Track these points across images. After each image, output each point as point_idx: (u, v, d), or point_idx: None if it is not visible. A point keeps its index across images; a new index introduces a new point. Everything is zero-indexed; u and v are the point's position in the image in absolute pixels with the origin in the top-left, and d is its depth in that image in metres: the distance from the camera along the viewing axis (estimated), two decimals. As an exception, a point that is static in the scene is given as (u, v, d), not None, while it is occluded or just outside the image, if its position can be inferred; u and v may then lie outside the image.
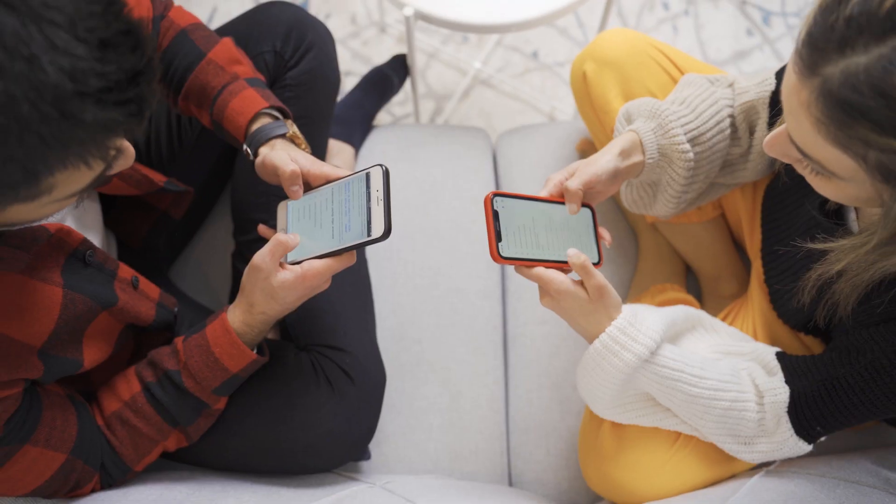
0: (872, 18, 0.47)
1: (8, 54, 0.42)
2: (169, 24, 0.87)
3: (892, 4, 0.47)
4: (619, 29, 0.99)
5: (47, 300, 0.66)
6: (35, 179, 0.47)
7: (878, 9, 0.47)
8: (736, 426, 0.79)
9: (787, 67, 0.56)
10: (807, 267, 0.69)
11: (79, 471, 0.73)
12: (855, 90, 0.48)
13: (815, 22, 0.51)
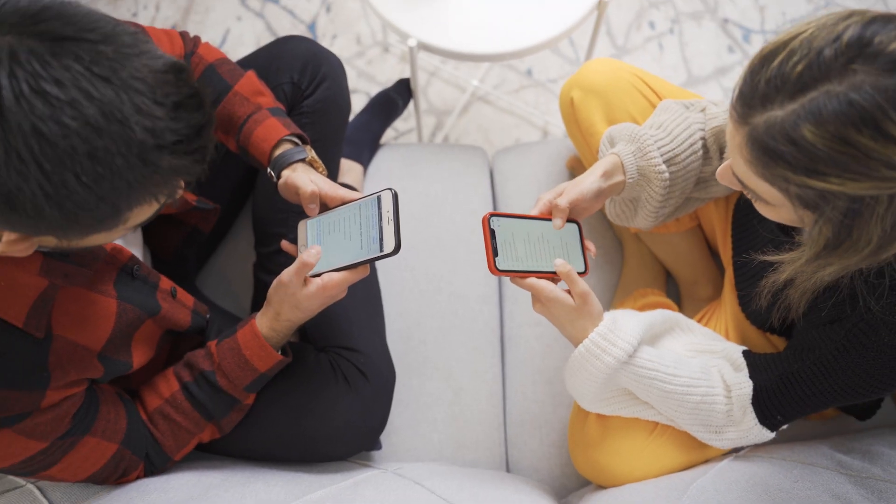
0: (787, 81, 0.57)
1: (106, 118, 0.51)
2: (198, 59, 0.96)
3: (801, 69, 0.56)
4: (602, 59, 1.07)
5: (104, 310, 0.75)
6: (119, 214, 0.57)
7: (790, 73, 0.57)
8: (707, 417, 0.87)
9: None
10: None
11: (127, 460, 0.82)
12: (773, 138, 0.58)
13: (744, 81, 0.61)
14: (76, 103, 0.50)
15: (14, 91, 0.48)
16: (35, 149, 0.49)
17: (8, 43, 0.49)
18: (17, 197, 0.51)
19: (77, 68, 0.50)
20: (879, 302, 0.71)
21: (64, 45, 0.51)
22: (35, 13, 0.51)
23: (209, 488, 0.83)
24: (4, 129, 0.49)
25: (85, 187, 0.52)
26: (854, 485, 0.82)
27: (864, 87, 0.53)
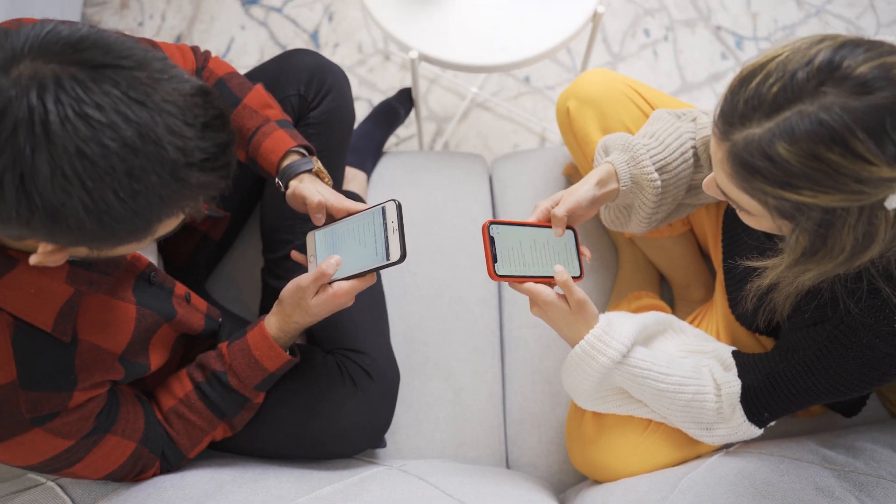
0: (763, 101, 0.61)
1: (142, 139, 0.55)
2: (209, 73, 1.00)
3: (776, 91, 0.60)
4: (597, 70, 1.11)
5: (125, 315, 0.79)
6: (149, 226, 0.61)
7: (767, 94, 0.61)
8: (698, 414, 0.91)
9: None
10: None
11: (144, 458, 0.85)
12: (751, 154, 0.62)
13: (725, 100, 0.65)
14: (115, 126, 0.54)
15: (60, 115, 0.53)
16: (78, 168, 0.54)
17: (52, 71, 0.53)
18: (60, 211, 0.55)
19: (115, 93, 0.55)
20: (858, 305, 0.75)
21: (103, 72, 0.55)
22: (75, 42, 0.55)
23: (223, 485, 0.87)
24: (50, 150, 0.53)
25: (122, 202, 0.56)
26: (837, 478, 0.86)
27: (834, 108, 0.58)
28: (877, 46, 0.59)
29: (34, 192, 0.54)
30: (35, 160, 0.53)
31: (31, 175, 0.53)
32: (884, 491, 0.83)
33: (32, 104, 0.52)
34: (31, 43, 0.55)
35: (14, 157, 0.53)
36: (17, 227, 0.57)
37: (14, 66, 0.54)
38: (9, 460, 0.73)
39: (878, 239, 0.63)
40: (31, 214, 0.55)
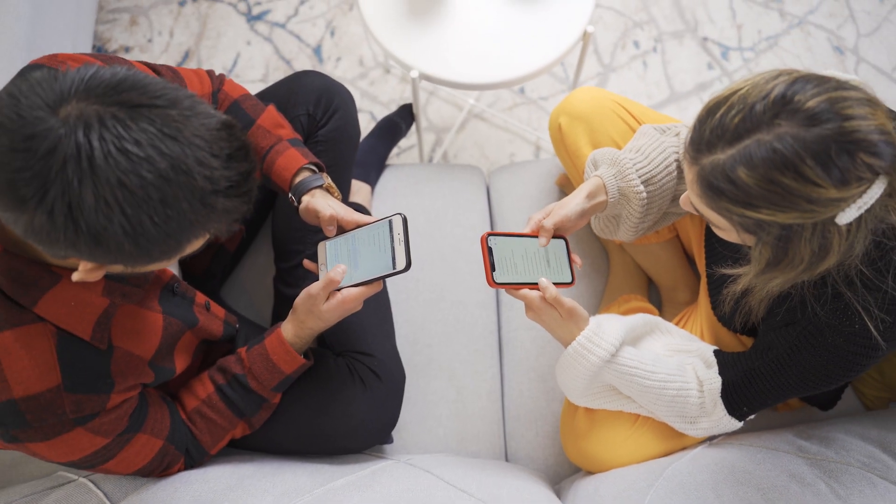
0: (726, 130, 0.69)
1: (174, 170, 0.62)
2: (224, 95, 1.06)
3: (737, 122, 0.68)
4: (587, 87, 1.19)
5: (153, 324, 0.86)
6: (180, 246, 0.67)
7: (729, 124, 0.68)
8: (682, 409, 0.98)
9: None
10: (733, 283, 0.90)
11: (171, 454, 0.92)
12: (716, 178, 0.70)
13: (694, 129, 0.73)
14: (151, 159, 0.61)
15: (103, 151, 0.59)
16: (119, 197, 0.60)
17: (96, 111, 0.60)
18: (102, 235, 0.61)
19: (151, 130, 0.61)
20: (824, 308, 0.82)
21: (140, 111, 0.61)
22: (116, 84, 0.62)
23: (243, 478, 0.93)
24: (95, 182, 0.59)
25: (157, 227, 0.63)
26: (809, 466, 0.93)
27: (786, 137, 0.65)
28: (825, 82, 0.66)
29: (80, 218, 0.60)
30: (81, 191, 0.59)
31: (78, 204, 0.59)
32: (851, 477, 0.90)
33: (79, 141, 0.58)
34: (76, 86, 0.61)
35: (63, 188, 0.59)
36: (63, 248, 0.63)
37: (62, 106, 0.60)
38: (53, 457, 0.79)
39: (833, 250, 0.71)
40: (76, 238, 0.61)
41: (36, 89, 0.60)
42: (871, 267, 0.78)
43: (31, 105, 0.59)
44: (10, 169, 0.58)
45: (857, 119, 0.64)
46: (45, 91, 0.60)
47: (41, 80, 0.61)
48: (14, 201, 0.59)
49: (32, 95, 0.60)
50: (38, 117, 0.59)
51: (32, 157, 0.58)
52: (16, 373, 0.73)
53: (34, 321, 0.73)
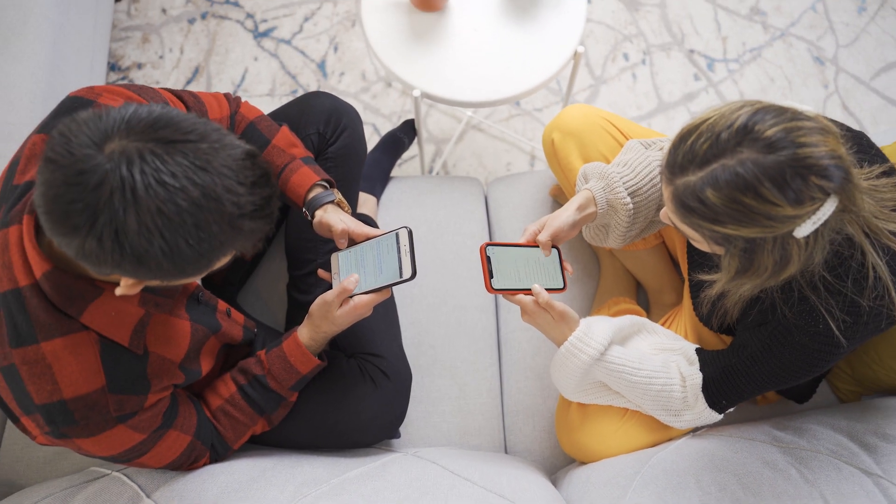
0: (696, 155, 0.77)
1: (206, 198, 0.69)
2: (241, 117, 1.14)
3: (706, 148, 0.76)
4: (578, 105, 1.27)
5: (182, 330, 0.94)
6: (210, 263, 0.75)
7: (699, 150, 0.77)
8: (667, 403, 1.06)
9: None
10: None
11: (198, 449, 1.00)
12: (688, 197, 0.78)
13: (669, 154, 0.81)
14: (186, 189, 0.68)
15: (144, 183, 0.66)
16: (159, 223, 0.67)
17: (136, 147, 0.67)
18: (144, 256, 0.69)
19: (185, 163, 0.68)
20: (791, 310, 0.91)
21: (175, 146, 0.69)
22: (152, 122, 0.69)
23: (265, 470, 1.01)
24: (137, 210, 0.66)
25: (191, 248, 0.70)
26: (782, 454, 1.01)
27: (747, 163, 0.74)
28: (783, 113, 0.75)
29: (125, 242, 0.67)
30: (126, 218, 0.66)
31: (123, 230, 0.67)
32: (819, 463, 0.98)
33: (123, 175, 0.66)
34: (118, 125, 0.69)
35: (110, 216, 0.66)
36: (109, 267, 0.70)
37: (107, 143, 0.67)
38: (96, 451, 0.87)
39: (794, 260, 0.79)
40: (122, 259, 0.69)
41: (83, 128, 0.68)
42: (832, 273, 0.87)
43: (80, 143, 0.66)
44: (65, 201, 0.66)
45: (809, 146, 0.73)
46: (91, 130, 0.68)
47: (87, 119, 0.69)
48: (68, 228, 0.67)
49: (80, 134, 0.67)
50: (87, 154, 0.66)
51: (83, 190, 0.65)
52: (65, 376, 0.80)
53: (80, 330, 0.81)
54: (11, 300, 0.80)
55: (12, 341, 0.80)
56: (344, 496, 0.94)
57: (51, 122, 0.90)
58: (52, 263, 0.79)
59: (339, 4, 2.02)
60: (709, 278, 0.91)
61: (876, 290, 0.87)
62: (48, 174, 0.67)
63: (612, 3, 2.05)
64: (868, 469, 0.97)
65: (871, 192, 0.86)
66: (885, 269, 0.86)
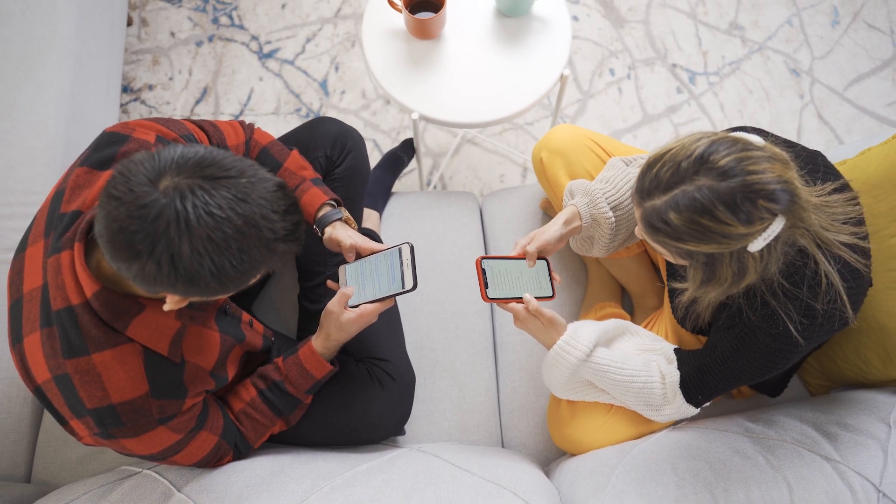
0: (661, 182, 0.88)
1: (247, 225, 0.78)
2: (255, 143, 1.24)
3: (669, 175, 0.86)
4: (564, 126, 1.37)
5: (212, 340, 1.04)
6: (248, 281, 0.85)
7: (663, 177, 0.87)
8: (648, 398, 1.15)
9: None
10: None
11: (223, 448, 1.09)
12: (654, 219, 0.89)
13: (638, 180, 0.91)
14: (230, 219, 0.78)
15: (195, 214, 0.76)
16: (208, 248, 0.77)
17: (187, 183, 0.77)
18: (195, 278, 0.79)
19: (228, 196, 0.78)
20: (755, 314, 1.01)
21: (219, 182, 0.78)
22: (198, 161, 0.79)
23: (284, 466, 1.11)
24: (190, 238, 0.76)
25: (234, 268, 0.80)
26: (752, 443, 1.11)
27: (704, 189, 0.84)
28: (736, 143, 0.86)
29: (180, 265, 0.77)
30: (180, 245, 0.76)
31: (178, 254, 0.77)
32: (785, 451, 1.08)
33: (178, 208, 0.76)
34: (169, 164, 0.78)
35: (167, 243, 0.76)
36: (163, 287, 0.80)
37: (161, 180, 0.77)
38: (138, 450, 0.97)
39: (750, 271, 0.90)
40: (176, 279, 0.78)
41: (140, 168, 0.78)
42: (789, 280, 0.98)
43: (138, 182, 0.76)
44: (128, 232, 0.76)
45: (758, 174, 0.83)
46: (146, 170, 0.77)
47: (143, 160, 0.79)
48: (131, 255, 0.77)
49: (138, 174, 0.77)
50: (145, 191, 0.76)
51: (144, 221, 0.75)
52: (113, 383, 0.90)
53: (126, 342, 0.91)
54: (65, 317, 0.90)
55: (65, 353, 0.90)
56: (357, 488, 1.03)
57: (91, 155, 1.00)
58: (100, 284, 0.88)
59: (338, 26, 2.12)
60: (680, 286, 1.02)
61: (829, 295, 0.97)
62: (111, 209, 0.76)
63: (598, 20, 2.15)
64: (828, 455, 1.06)
65: (823, 208, 0.97)
66: (837, 277, 0.97)
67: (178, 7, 2.14)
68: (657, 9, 2.15)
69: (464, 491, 1.02)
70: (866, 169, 1.23)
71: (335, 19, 2.12)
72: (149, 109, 2.05)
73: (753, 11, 2.17)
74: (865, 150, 1.29)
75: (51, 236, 0.95)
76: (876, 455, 1.05)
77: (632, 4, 2.16)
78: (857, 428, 1.11)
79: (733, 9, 2.17)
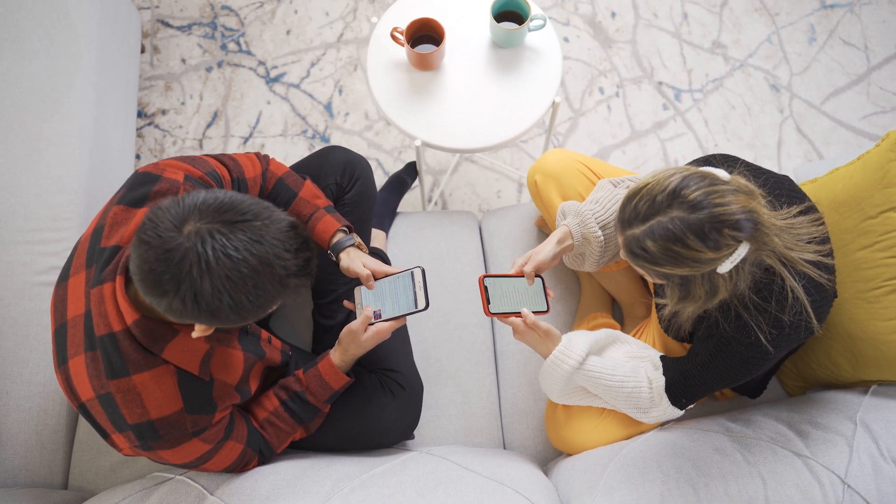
0: (639, 213, 0.98)
1: (261, 264, 0.87)
2: (271, 174, 1.33)
3: (645, 208, 0.97)
4: (556, 150, 1.47)
5: (237, 359, 1.14)
6: (265, 312, 0.93)
7: (640, 209, 0.98)
8: (636, 402, 1.25)
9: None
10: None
11: (248, 455, 1.19)
12: (634, 246, 0.99)
13: (620, 210, 1.02)
14: (246, 259, 0.86)
15: (215, 256, 0.85)
16: (227, 286, 0.86)
17: (207, 228, 0.86)
18: (216, 311, 0.88)
19: (244, 238, 0.86)
20: (730, 325, 1.12)
21: (236, 226, 0.87)
22: (217, 207, 0.88)
23: (306, 469, 1.20)
24: (211, 277, 0.85)
25: (251, 302, 0.89)
26: (731, 441, 1.21)
27: (676, 220, 0.95)
28: (705, 178, 0.97)
29: (202, 301, 0.86)
30: (202, 284, 0.85)
31: (200, 292, 0.85)
32: (760, 448, 1.18)
33: (199, 251, 0.83)
34: (192, 210, 0.87)
35: (190, 283, 0.84)
36: (189, 319, 0.90)
37: (184, 226, 0.85)
38: (174, 460, 1.07)
39: (721, 289, 1.01)
40: (199, 313, 0.88)
41: (166, 214, 0.86)
42: (758, 295, 1.08)
43: (165, 228, 0.85)
44: (157, 273, 0.85)
45: (724, 206, 0.95)
46: (171, 216, 0.86)
47: (168, 207, 0.87)
48: (160, 292, 0.86)
49: (164, 220, 0.86)
50: (171, 236, 0.85)
51: (170, 263, 0.84)
52: (152, 401, 1.00)
53: (162, 364, 1.01)
54: (107, 342, 1.00)
55: (108, 374, 1.00)
56: (373, 488, 1.13)
57: (127, 194, 1.10)
58: (140, 313, 0.98)
59: (341, 50, 2.23)
60: (661, 302, 1.13)
61: (795, 308, 1.08)
62: (143, 252, 0.85)
63: (587, 41, 2.26)
64: (799, 452, 1.17)
65: (788, 229, 1.08)
66: (802, 291, 1.08)
67: (187, 34, 2.25)
68: (643, 29, 2.26)
69: (470, 489, 1.13)
70: (833, 188, 1.34)
71: (338, 44, 2.23)
72: (162, 133, 2.15)
73: (735, 30, 2.28)
74: (834, 170, 1.39)
75: (93, 268, 1.05)
76: (843, 451, 1.15)
77: (619, 25, 2.27)
78: (827, 426, 1.21)
79: (716, 28, 2.28)
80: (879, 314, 1.22)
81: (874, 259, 1.22)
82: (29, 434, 1.44)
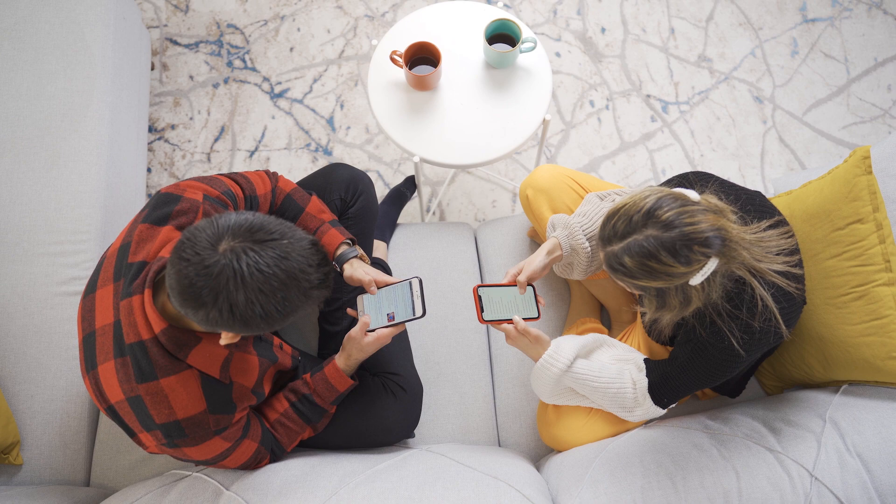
0: (617, 232, 1.07)
1: (288, 278, 0.97)
2: (279, 191, 1.42)
3: (623, 226, 1.06)
4: (547, 166, 1.56)
5: (252, 363, 1.23)
6: (289, 320, 1.04)
7: (619, 227, 1.07)
8: (621, 402, 1.33)
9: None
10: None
11: (261, 453, 1.27)
12: (613, 262, 1.08)
13: (601, 229, 1.11)
14: (276, 274, 0.96)
15: (248, 271, 0.94)
16: (259, 298, 0.95)
17: (241, 246, 0.95)
18: (248, 321, 0.97)
19: (273, 255, 0.96)
20: (705, 331, 1.21)
21: (266, 244, 0.97)
22: (248, 227, 0.97)
23: (314, 466, 1.29)
24: (245, 290, 0.94)
25: (279, 312, 0.98)
26: (709, 438, 1.29)
27: (650, 238, 1.05)
28: (677, 199, 1.06)
29: (237, 312, 0.95)
30: (237, 296, 0.94)
31: (235, 304, 0.95)
32: (735, 444, 1.26)
33: (234, 266, 0.94)
34: (226, 230, 0.96)
35: (226, 295, 0.94)
36: (222, 328, 0.99)
37: (219, 244, 0.95)
38: (196, 456, 1.16)
39: (694, 299, 1.11)
40: (233, 323, 0.97)
41: (202, 234, 0.96)
42: (730, 303, 1.18)
43: (202, 246, 0.95)
44: (196, 287, 0.94)
45: (694, 224, 1.04)
46: (208, 235, 0.96)
47: (204, 227, 0.97)
48: (198, 304, 0.95)
49: (202, 239, 0.95)
50: (209, 254, 0.94)
51: (209, 278, 0.94)
52: (178, 403, 1.10)
53: (187, 368, 1.10)
54: (137, 349, 1.09)
55: (138, 378, 1.09)
56: (377, 483, 1.22)
57: (151, 213, 1.19)
58: (167, 322, 1.08)
59: (342, 67, 2.32)
60: (642, 310, 1.22)
61: (764, 315, 1.17)
62: (181, 268, 0.95)
63: (578, 56, 2.35)
64: (771, 447, 1.25)
65: (758, 243, 1.17)
66: (770, 300, 1.16)
67: (195, 52, 2.34)
68: (632, 44, 2.35)
69: (467, 483, 1.21)
70: (806, 200, 1.43)
71: (339, 60, 2.32)
72: (172, 147, 2.25)
73: (720, 44, 2.37)
74: (807, 183, 1.48)
75: (121, 282, 1.14)
76: (811, 446, 1.23)
77: (609, 41, 2.36)
78: (798, 423, 1.29)
79: (701, 42, 2.37)
80: (847, 318, 1.30)
81: (842, 268, 1.31)
82: (53, 435, 1.53)
